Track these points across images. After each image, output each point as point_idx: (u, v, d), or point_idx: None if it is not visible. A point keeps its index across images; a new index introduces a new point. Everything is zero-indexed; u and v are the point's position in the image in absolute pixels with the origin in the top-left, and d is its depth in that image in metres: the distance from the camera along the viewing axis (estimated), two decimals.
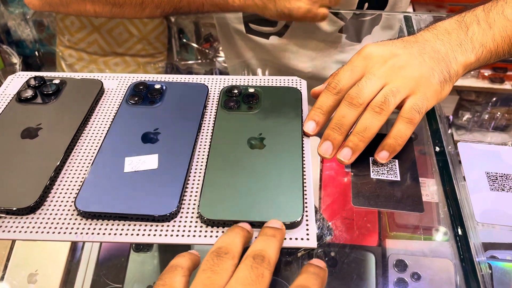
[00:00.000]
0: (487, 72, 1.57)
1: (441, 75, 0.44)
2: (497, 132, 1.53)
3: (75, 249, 0.59)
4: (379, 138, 0.43)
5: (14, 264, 0.57)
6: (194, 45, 1.50)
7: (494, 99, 1.60)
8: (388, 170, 0.44)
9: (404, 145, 0.43)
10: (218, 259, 0.30)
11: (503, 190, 0.43)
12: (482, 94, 1.59)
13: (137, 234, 0.36)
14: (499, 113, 1.57)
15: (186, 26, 1.50)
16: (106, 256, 0.59)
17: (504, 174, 0.44)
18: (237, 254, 0.31)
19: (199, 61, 1.47)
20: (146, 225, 0.37)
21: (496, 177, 0.44)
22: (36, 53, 1.64)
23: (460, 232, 0.44)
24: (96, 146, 0.44)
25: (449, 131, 0.51)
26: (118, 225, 0.37)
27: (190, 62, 1.50)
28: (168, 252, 0.57)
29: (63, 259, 0.58)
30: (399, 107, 0.43)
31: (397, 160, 0.45)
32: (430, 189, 0.50)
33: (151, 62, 1.48)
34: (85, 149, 0.44)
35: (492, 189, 0.43)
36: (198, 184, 0.40)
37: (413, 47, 0.45)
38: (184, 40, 1.52)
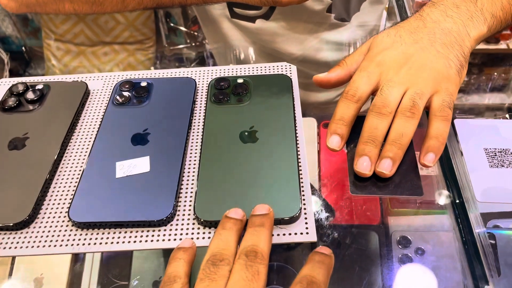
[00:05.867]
0: None
1: (457, 62, 0.42)
2: (495, 93, 1.52)
3: (78, 253, 0.59)
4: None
5: (19, 269, 0.57)
6: (183, 28, 1.48)
7: (490, 59, 1.58)
8: None
9: None
10: (214, 267, 0.30)
11: (502, 166, 0.42)
12: (478, 55, 1.57)
13: (134, 241, 0.36)
14: (495, 73, 1.56)
15: (172, 9, 1.47)
16: (110, 254, 0.59)
17: (503, 149, 0.43)
18: (232, 258, 0.31)
19: (189, 44, 1.45)
20: (142, 231, 0.37)
21: (495, 153, 0.43)
22: (23, 48, 1.61)
23: (459, 205, 0.44)
24: (86, 152, 0.43)
25: None
26: (115, 233, 0.37)
27: (180, 46, 1.48)
28: (171, 249, 0.57)
29: (67, 261, 0.58)
30: (426, 107, 0.41)
31: None
32: None
33: (140, 48, 1.45)
34: (75, 156, 0.43)
35: (491, 166, 0.42)
36: (192, 183, 0.40)
37: (423, 38, 0.43)
38: (172, 24, 1.49)
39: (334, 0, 0.67)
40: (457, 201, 0.44)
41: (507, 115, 0.49)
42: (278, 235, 0.36)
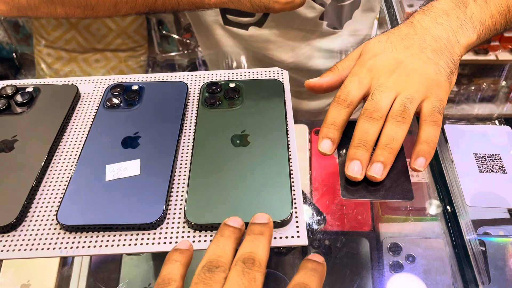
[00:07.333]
0: None
1: (447, 69, 0.42)
2: (484, 103, 1.54)
3: (66, 256, 0.58)
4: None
5: (5, 276, 0.56)
6: (175, 36, 1.48)
7: (479, 70, 1.60)
8: None
9: None
10: (210, 273, 0.30)
11: (492, 171, 0.42)
12: (467, 66, 1.59)
13: (123, 245, 0.35)
14: (485, 84, 1.58)
15: (165, 17, 1.47)
16: (99, 261, 0.58)
17: (493, 155, 0.44)
18: (228, 266, 0.31)
19: (181, 52, 1.45)
20: (132, 234, 0.36)
21: (485, 158, 0.44)
22: (14, 54, 1.60)
23: (450, 212, 0.44)
24: (75, 155, 0.43)
25: None
26: (103, 236, 0.36)
27: (172, 53, 1.48)
28: (160, 253, 0.57)
29: (55, 267, 0.57)
30: (416, 113, 0.42)
31: None
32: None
33: (132, 56, 1.45)
34: (64, 159, 0.42)
35: (481, 171, 0.43)
36: (183, 187, 0.39)
37: (413, 44, 0.44)
38: (164, 32, 1.49)
39: (327, 7, 0.68)
40: (448, 207, 0.44)
41: (496, 121, 0.50)
42: None
